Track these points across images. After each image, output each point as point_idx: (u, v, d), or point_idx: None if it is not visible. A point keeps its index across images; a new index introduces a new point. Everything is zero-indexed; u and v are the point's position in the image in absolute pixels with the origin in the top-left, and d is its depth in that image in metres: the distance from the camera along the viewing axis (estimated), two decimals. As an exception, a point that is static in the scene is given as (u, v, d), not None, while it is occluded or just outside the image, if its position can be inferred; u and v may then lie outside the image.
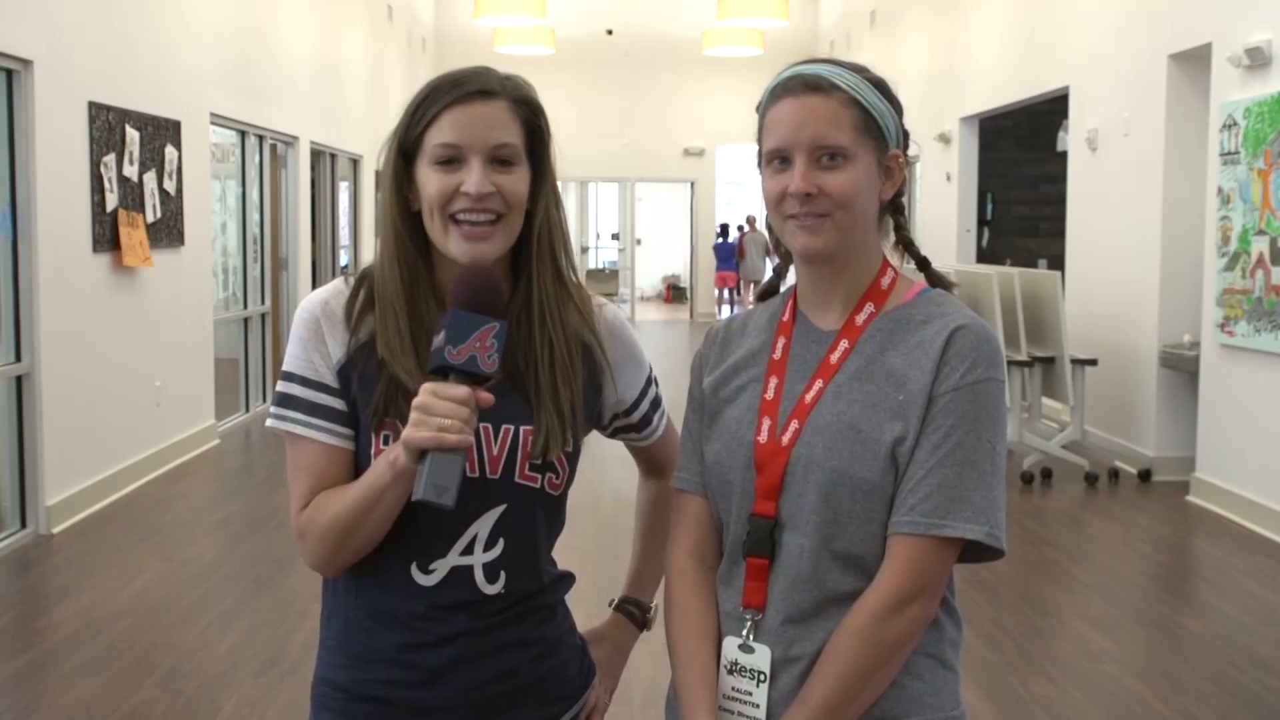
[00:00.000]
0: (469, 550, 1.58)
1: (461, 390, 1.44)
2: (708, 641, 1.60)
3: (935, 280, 1.62)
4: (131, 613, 4.97)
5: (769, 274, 1.82)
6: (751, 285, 21.36)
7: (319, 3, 11.85)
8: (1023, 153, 13.05)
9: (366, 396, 1.56)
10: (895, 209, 1.63)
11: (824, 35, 19.09)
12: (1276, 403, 6.29)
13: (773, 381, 1.60)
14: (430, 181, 1.56)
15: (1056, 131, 11.07)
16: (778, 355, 1.62)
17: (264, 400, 10.13)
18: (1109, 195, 8.38)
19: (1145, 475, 7.57)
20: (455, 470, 1.43)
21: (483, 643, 1.60)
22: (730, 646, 1.58)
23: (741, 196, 28.65)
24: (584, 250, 24.22)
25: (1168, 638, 4.85)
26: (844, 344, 1.58)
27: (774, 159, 1.57)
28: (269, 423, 1.61)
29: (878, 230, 1.62)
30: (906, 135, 1.62)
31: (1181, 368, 7.32)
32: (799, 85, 1.55)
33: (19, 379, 6.05)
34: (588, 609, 2.00)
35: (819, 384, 1.57)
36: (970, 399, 1.50)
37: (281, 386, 1.60)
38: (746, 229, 22.35)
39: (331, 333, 1.59)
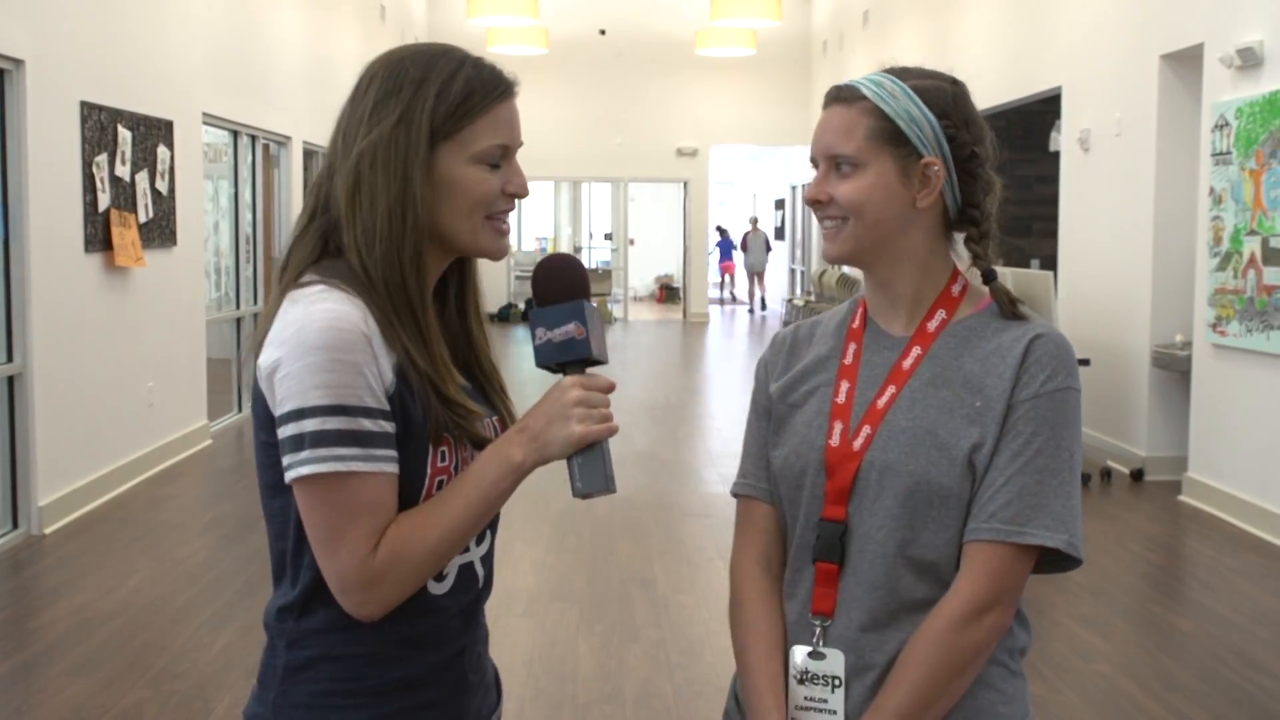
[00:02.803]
0: (466, 547, 1.55)
1: (607, 381, 1.46)
2: (776, 650, 1.59)
3: (999, 293, 1.59)
4: (124, 613, 4.96)
5: (767, 266, 1.85)
6: (755, 276, 23.62)
7: (311, 2, 11.83)
8: (1015, 153, 13.05)
9: (425, 413, 1.45)
10: (968, 219, 1.60)
11: (816, 35, 19.11)
12: (1268, 402, 6.31)
13: (844, 386, 1.60)
14: (478, 181, 1.48)
15: (1049, 132, 11.09)
16: (849, 360, 1.62)
17: (256, 400, 10.10)
18: (1101, 195, 8.39)
19: (1137, 475, 7.59)
20: (610, 456, 1.45)
21: (479, 646, 1.60)
22: (799, 654, 1.57)
23: (734, 196, 28.69)
24: (577, 250, 24.17)
25: (1160, 637, 4.86)
26: (916, 350, 1.58)
27: (813, 166, 1.62)
28: (316, 468, 1.37)
29: (935, 238, 1.59)
30: (964, 142, 1.57)
31: (1174, 368, 7.33)
32: (831, 97, 1.60)
33: (11, 379, 6.04)
34: (582, 609, 2.00)
35: (891, 389, 1.56)
36: (1051, 407, 1.50)
37: (325, 424, 1.37)
38: (750, 228, 24.16)
39: (381, 352, 1.42)
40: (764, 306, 23.43)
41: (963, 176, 1.58)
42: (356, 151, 1.47)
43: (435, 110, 1.46)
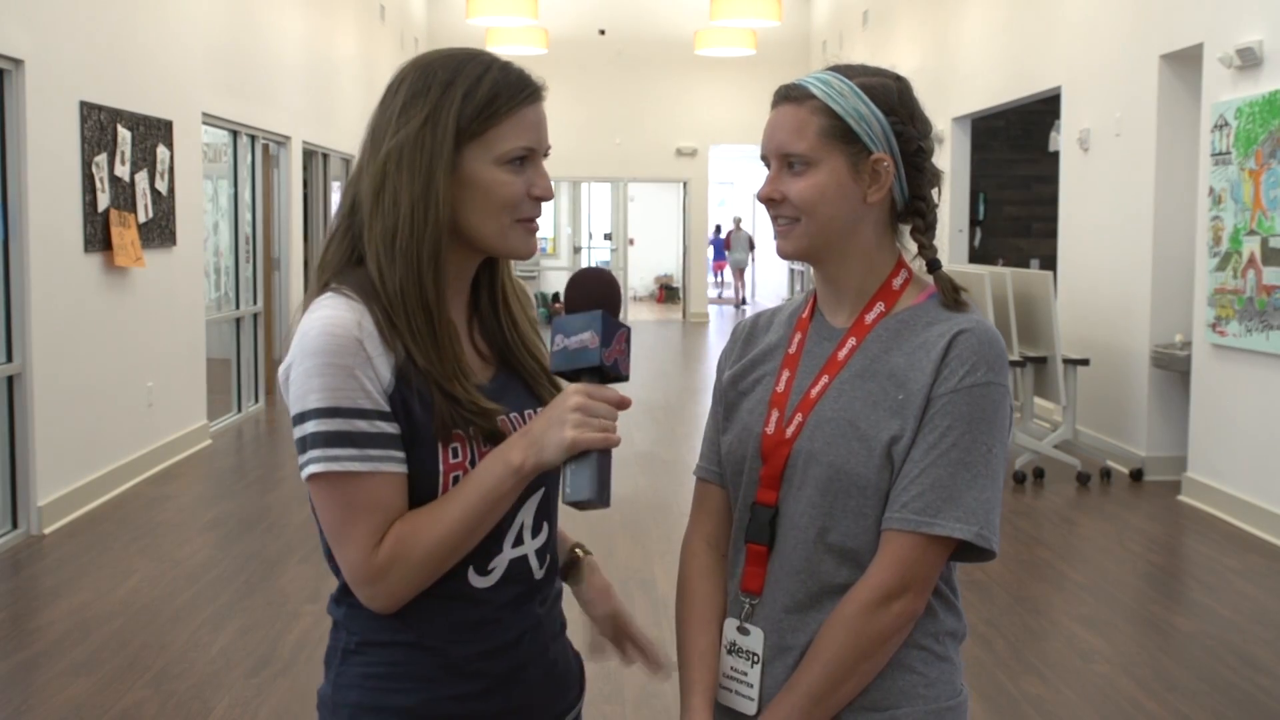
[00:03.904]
0: (519, 541, 1.58)
1: (616, 394, 1.48)
2: (711, 624, 1.67)
3: (942, 282, 1.62)
4: (123, 613, 4.96)
5: (750, 264, 1.88)
6: (738, 273, 24.78)
7: (311, 2, 11.83)
8: (1015, 153, 13.08)
9: (428, 412, 1.48)
10: (914, 211, 1.63)
11: (816, 35, 19.11)
12: (1268, 402, 6.31)
13: (785, 375, 1.65)
14: (503, 183, 1.52)
15: (1048, 132, 11.09)
16: (792, 350, 1.67)
17: (256, 401, 10.12)
18: (1101, 195, 8.39)
19: (1137, 475, 7.58)
20: (609, 470, 1.47)
21: (540, 637, 1.62)
22: (730, 628, 1.65)
23: (734, 196, 28.69)
24: (576, 250, 24.16)
25: (1159, 637, 4.86)
26: (852, 341, 1.61)
27: (764, 165, 1.64)
28: (316, 468, 1.45)
29: (882, 232, 1.63)
30: (911, 137, 1.61)
31: (1173, 367, 7.33)
32: (780, 96, 1.63)
33: (10, 379, 6.04)
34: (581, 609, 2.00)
35: (825, 379, 1.61)
36: (968, 401, 1.53)
37: (322, 425, 1.44)
38: (733, 227, 24.87)
39: (376, 354, 1.47)
40: (743, 302, 24.44)
41: (910, 170, 1.62)
42: (384, 151, 1.51)
43: (461, 111, 1.50)
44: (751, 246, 24.61)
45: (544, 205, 1.60)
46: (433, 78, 1.52)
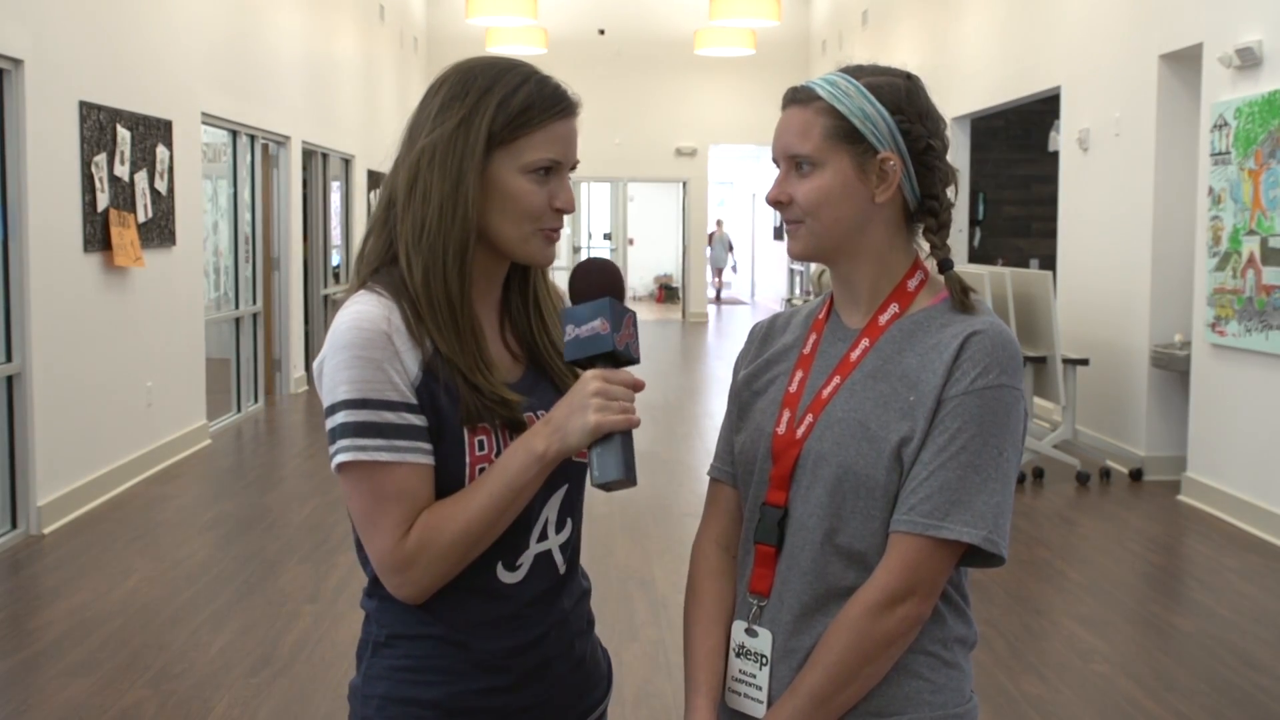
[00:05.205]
0: (544, 536, 1.62)
1: (630, 376, 1.53)
2: (718, 625, 1.66)
3: (951, 283, 1.61)
4: (123, 613, 4.96)
5: (730, 264, 1.87)
6: (717, 272, 25.94)
7: (311, 2, 11.83)
8: (1014, 153, 13.08)
9: (455, 404, 1.53)
10: (926, 210, 1.61)
11: (815, 35, 19.11)
12: (1267, 402, 6.31)
13: (798, 375, 1.65)
14: (528, 192, 1.57)
15: (1048, 131, 11.09)
16: (807, 350, 1.66)
17: (255, 401, 10.12)
18: (1100, 195, 8.40)
19: (1136, 475, 7.59)
20: (632, 449, 1.52)
21: (565, 633, 1.65)
22: (738, 630, 1.64)
23: (733, 196, 28.71)
24: (576, 250, 24.17)
25: (1159, 637, 4.87)
26: (865, 342, 1.60)
27: (777, 167, 1.65)
28: (345, 457, 1.50)
29: (894, 232, 1.61)
30: (919, 135, 1.58)
31: (1173, 367, 7.33)
32: (788, 98, 1.63)
33: (10, 379, 6.03)
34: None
35: (836, 380, 1.60)
36: (979, 404, 1.51)
37: (351, 416, 1.49)
38: (714, 229, 25.61)
39: (404, 348, 1.52)
40: (720, 298, 26.23)
41: (920, 169, 1.60)
42: (418, 148, 1.57)
43: (495, 118, 1.56)
44: (730, 248, 26.37)
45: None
46: (472, 82, 1.57)
